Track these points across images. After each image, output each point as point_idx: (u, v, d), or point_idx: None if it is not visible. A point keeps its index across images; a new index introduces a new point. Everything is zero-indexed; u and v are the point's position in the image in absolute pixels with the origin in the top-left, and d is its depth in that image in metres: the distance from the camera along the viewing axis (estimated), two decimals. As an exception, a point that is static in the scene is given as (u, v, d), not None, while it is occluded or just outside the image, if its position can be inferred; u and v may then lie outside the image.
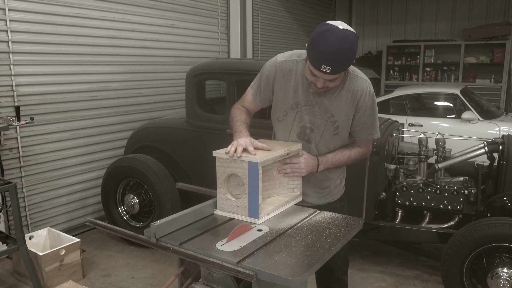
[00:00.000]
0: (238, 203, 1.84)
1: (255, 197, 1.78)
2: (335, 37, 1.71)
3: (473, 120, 5.66)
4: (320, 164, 2.03)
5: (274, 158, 1.86)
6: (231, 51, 6.15)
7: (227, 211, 1.88)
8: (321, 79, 1.83)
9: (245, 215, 1.81)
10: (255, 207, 1.79)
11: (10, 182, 2.92)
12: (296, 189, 2.06)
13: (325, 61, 1.73)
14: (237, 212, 1.85)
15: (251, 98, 2.17)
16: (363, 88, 1.99)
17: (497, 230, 2.73)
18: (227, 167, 1.83)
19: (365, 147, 2.16)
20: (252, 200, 1.79)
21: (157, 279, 3.46)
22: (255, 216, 1.79)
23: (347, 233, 1.68)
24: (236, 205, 1.85)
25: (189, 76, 3.89)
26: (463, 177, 3.55)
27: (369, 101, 2.02)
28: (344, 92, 1.98)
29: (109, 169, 4.08)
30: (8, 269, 3.59)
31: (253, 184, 1.77)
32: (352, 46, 1.74)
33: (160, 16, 4.94)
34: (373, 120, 2.08)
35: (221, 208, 1.90)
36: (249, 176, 1.77)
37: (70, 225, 4.26)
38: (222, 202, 1.89)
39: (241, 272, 1.40)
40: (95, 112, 4.33)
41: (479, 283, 2.92)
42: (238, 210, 1.84)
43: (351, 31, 1.76)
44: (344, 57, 1.74)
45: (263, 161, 1.76)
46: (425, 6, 9.54)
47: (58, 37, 3.91)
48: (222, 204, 1.90)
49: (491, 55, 8.71)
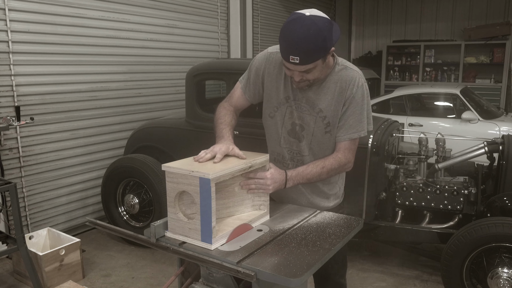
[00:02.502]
0: (190, 225, 1.58)
1: (207, 218, 1.52)
2: (300, 25, 1.60)
3: (473, 120, 5.66)
4: (288, 179, 1.81)
5: (232, 173, 1.62)
6: (231, 51, 6.15)
7: (179, 234, 1.61)
8: (295, 71, 1.72)
9: (197, 239, 1.56)
10: (207, 230, 1.53)
11: (10, 182, 2.92)
12: (263, 206, 1.81)
13: (292, 51, 1.63)
14: (189, 235, 1.58)
15: (239, 93, 2.03)
16: (352, 77, 1.82)
17: (497, 230, 2.73)
18: (177, 183, 1.58)
19: (345, 152, 1.88)
20: (204, 222, 1.53)
21: (157, 279, 3.46)
22: (207, 241, 1.54)
23: (347, 233, 1.68)
24: (188, 227, 1.58)
25: (189, 76, 3.89)
26: (463, 177, 3.55)
27: (357, 93, 1.81)
28: (332, 84, 1.83)
29: (109, 169, 4.08)
30: (8, 269, 3.59)
31: (205, 203, 1.52)
32: (321, 32, 1.60)
33: (160, 16, 4.94)
34: (359, 116, 1.84)
35: (172, 229, 1.63)
36: (200, 195, 1.52)
37: (70, 225, 4.26)
38: (173, 223, 1.62)
39: (241, 272, 1.40)
40: (95, 112, 4.33)
41: (479, 283, 2.92)
42: (190, 233, 1.58)
43: (321, 17, 1.64)
44: (311, 44, 1.60)
45: (216, 176, 1.52)
46: (425, 6, 9.54)
47: (58, 37, 3.91)
48: (173, 225, 1.63)
49: (491, 55, 8.72)
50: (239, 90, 2.04)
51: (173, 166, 1.59)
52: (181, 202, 1.62)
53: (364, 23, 10.36)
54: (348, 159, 1.89)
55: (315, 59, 1.66)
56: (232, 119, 1.99)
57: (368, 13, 10.28)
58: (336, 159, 1.87)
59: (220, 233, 1.59)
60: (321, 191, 2.02)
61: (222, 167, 1.58)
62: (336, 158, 1.87)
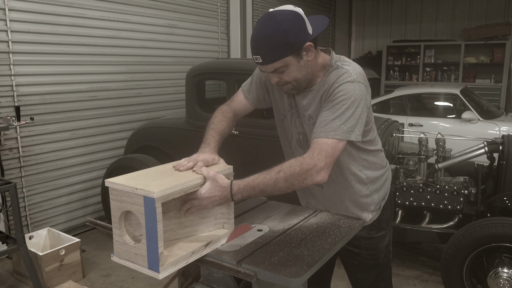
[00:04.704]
0: (136, 250, 1.39)
1: (153, 243, 1.34)
2: (260, 23, 1.51)
3: (473, 120, 5.66)
4: (235, 194, 1.52)
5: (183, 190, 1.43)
6: (231, 51, 6.15)
7: (124, 259, 1.44)
8: (269, 73, 1.61)
9: (144, 266, 1.39)
10: (154, 257, 1.35)
11: (10, 182, 2.92)
12: (227, 225, 1.62)
13: (253, 51, 1.54)
14: (135, 261, 1.41)
15: (241, 98, 1.94)
16: (339, 74, 1.60)
17: (497, 230, 2.73)
18: (121, 201, 1.40)
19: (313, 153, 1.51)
20: (150, 247, 1.35)
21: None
22: (155, 269, 1.37)
23: (347, 233, 1.68)
24: (134, 252, 1.40)
25: (189, 76, 3.89)
26: (463, 177, 3.55)
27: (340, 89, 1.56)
28: (321, 86, 1.66)
29: (109, 169, 4.08)
30: (8, 269, 3.59)
31: (150, 226, 1.32)
32: (279, 26, 1.47)
33: (160, 16, 4.94)
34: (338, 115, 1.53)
35: (118, 254, 1.45)
36: (145, 216, 1.33)
37: (70, 225, 4.26)
38: (118, 246, 1.44)
39: (241, 272, 1.40)
40: (95, 112, 4.33)
41: (479, 283, 2.92)
42: (137, 259, 1.40)
43: (285, 11, 1.52)
44: (269, 40, 1.48)
45: (163, 195, 1.33)
46: (425, 6, 9.54)
47: (58, 37, 3.91)
48: (118, 249, 1.45)
49: (491, 55, 8.72)
50: (241, 94, 1.95)
51: (117, 182, 1.40)
52: (128, 223, 1.44)
53: (364, 23, 10.36)
54: (315, 161, 1.48)
55: (279, 56, 1.52)
56: (226, 127, 1.86)
57: (368, 13, 10.28)
58: (298, 160, 1.50)
59: (171, 259, 1.39)
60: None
61: (173, 183, 1.40)
62: (298, 160, 1.51)
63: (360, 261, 1.94)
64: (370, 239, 1.91)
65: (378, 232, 1.92)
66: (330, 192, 1.86)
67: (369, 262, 1.94)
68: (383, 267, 1.98)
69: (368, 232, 1.90)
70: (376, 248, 1.92)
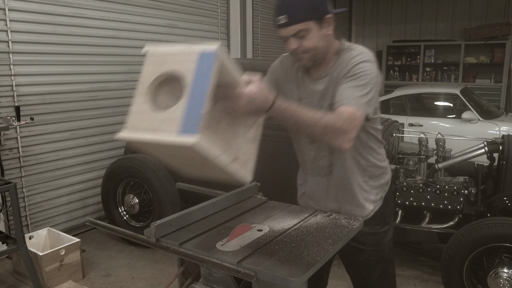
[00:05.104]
0: (163, 116, 1.23)
1: (197, 103, 1.18)
2: None
3: (473, 120, 5.66)
4: (277, 105, 1.45)
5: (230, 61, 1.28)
6: (231, 51, 6.15)
7: (142, 129, 1.25)
8: (290, 38, 1.60)
9: (172, 131, 1.19)
10: (193, 118, 1.18)
11: (10, 182, 2.92)
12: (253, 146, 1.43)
13: (279, 11, 1.54)
14: (158, 128, 1.22)
15: None
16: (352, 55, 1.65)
17: (497, 230, 2.73)
18: (161, 64, 1.27)
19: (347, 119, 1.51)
20: (192, 107, 1.18)
21: (157, 279, 3.46)
22: (190, 131, 1.17)
23: (347, 233, 1.68)
24: (160, 118, 1.23)
25: (189, 76, 3.89)
26: (463, 177, 3.55)
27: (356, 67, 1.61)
28: (337, 68, 1.69)
29: (109, 169, 4.08)
30: (8, 269, 3.59)
31: (199, 83, 1.19)
32: None
33: (160, 16, 4.94)
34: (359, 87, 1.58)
35: (133, 125, 1.27)
36: (196, 72, 1.20)
37: (70, 225, 4.26)
38: (137, 116, 1.28)
39: (241, 272, 1.40)
40: (95, 112, 4.33)
41: (479, 283, 2.92)
42: (162, 126, 1.22)
43: None
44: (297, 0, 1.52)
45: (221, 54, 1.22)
46: (425, 6, 9.54)
47: (58, 37, 3.91)
48: (135, 120, 1.28)
49: (491, 55, 8.72)
50: None
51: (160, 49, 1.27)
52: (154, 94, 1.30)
53: (364, 23, 10.36)
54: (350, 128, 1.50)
55: (304, 18, 1.54)
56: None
57: (368, 13, 10.28)
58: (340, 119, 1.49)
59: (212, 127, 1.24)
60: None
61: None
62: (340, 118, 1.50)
63: (365, 257, 1.95)
64: (375, 235, 1.92)
65: (383, 227, 1.94)
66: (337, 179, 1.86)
67: (374, 258, 1.96)
68: (388, 262, 2.01)
69: (373, 227, 1.91)
70: (380, 243, 1.95)
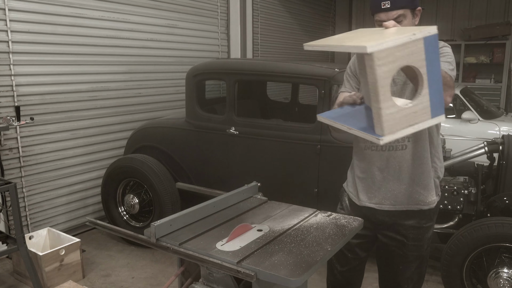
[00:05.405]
0: (414, 107, 1.34)
1: (436, 86, 1.34)
2: None
3: (473, 120, 5.66)
4: None
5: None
6: (231, 51, 6.15)
7: (401, 128, 1.35)
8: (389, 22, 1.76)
9: (426, 119, 1.36)
10: (438, 100, 1.35)
11: (10, 182, 2.92)
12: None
13: None
14: (416, 120, 1.35)
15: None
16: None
17: (497, 230, 2.73)
18: (393, 61, 1.29)
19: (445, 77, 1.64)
20: (433, 92, 1.33)
21: (157, 279, 3.46)
22: (439, 112, 1.37)
23: (347, 233, 1.68)
24: (412, 111, 1.34)
25: (189, 76, 3.89)
26: (463, 177, 3.55)
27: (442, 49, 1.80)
28: None
29: (109, 169, 4.08)
30: (8, 269, 3.59)
31: (432, 68, 1.32)
32: None
33: (160, 16, 4.94)
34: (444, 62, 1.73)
35: (390, 128, 1.34)
36: (426, 57, 1.31)
37: (70, 225, 4.26)
38: (391, 118, 1.33)
39: (241, 272, 1.40)
40: (95, 112, 4.33)
41: (479, 283, 2.92)
42: (418, 117, 1.35)
43: None
44: None
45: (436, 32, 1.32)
46: (425, 6, 9.53)
47: (58, 37, 3.91)
48: (391, 121, 1.33)
49: (491, 55, 8.71)
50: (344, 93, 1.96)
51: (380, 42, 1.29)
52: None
53: (364, 23, 10.35)
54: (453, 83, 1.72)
55: (405, 5, 1.74)
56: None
57: (368, 13, 10.27)
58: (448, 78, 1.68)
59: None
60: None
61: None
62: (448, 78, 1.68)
63: (405, 252, 2.01)
64: (418, 229, 1.97)
65: (428, 222, 1.99)
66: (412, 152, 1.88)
67: (413, 253, 2.01)
68: (423, 259, 2.07)
69: (418, 221, 1.96)
70: (422, 238, 1.99)
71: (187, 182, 3.91)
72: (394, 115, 1.33)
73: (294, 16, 7.71)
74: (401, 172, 1.91)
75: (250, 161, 3.58)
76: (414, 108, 1.34)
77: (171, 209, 3.72)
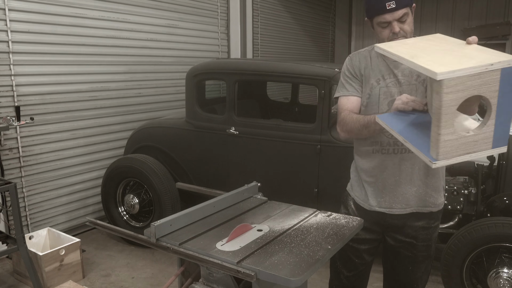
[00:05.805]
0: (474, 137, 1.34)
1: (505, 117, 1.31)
2: None
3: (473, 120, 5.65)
4: None
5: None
6: (231, 51, 6.15)
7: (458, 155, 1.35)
8: (393, 22, 1.78)
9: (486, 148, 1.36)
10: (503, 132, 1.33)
11: (10, 182, 2.92)
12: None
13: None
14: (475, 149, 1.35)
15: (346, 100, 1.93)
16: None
17: (497, 230, 2.73)
18: (463, 90, 1.26)
19: None
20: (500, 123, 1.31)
21: (157, 279, 3.46)
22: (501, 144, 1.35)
23: (347, 233, 1.68)
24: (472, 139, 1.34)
25: (189, 76, 3.89)
26: (463, 177, 3.55)
27: None
28: None
29: (109, 169, 4.08)
30: (8, 269, 3.59)
31: (504, 99, 1.29)
32: None
33: (160, 16, 4.94)
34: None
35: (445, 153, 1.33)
36: (500, 89, 1.28)
37: (70, 225, 4.26)
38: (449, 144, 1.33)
39: (241, 272, 1.40)
40: (95, 112, 4.33)
41: (479, 283, 2.91)
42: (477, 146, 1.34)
43: None
44: None
45: None
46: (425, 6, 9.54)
47: (58, 37, 3.91)
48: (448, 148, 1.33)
49: (491, 55, 8.71)
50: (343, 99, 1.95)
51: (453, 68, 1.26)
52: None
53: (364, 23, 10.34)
54: None
55: (407, 3, 1.77)
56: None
57: (368, 13, 10.27)
58: None
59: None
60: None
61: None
62: None
63: (415, 253, 2.01)
64: (427, 229, 1.97)
65: (435, 222, 2.00)
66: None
67: (423, 254, 2.02)
68: (431, 259, 2.08)
69: (427, 221, 1.97)
70: (430, 238, 2.01)
71: (187, 182, 3.91)
72: (453, 142, 1.33)
73: (294, 16, 7.71)
74: (413, 175, 1.89)
75: (250, 161, 3.58)
76: (475, 137, 1.33)
77: (171, 209, 3.72)
